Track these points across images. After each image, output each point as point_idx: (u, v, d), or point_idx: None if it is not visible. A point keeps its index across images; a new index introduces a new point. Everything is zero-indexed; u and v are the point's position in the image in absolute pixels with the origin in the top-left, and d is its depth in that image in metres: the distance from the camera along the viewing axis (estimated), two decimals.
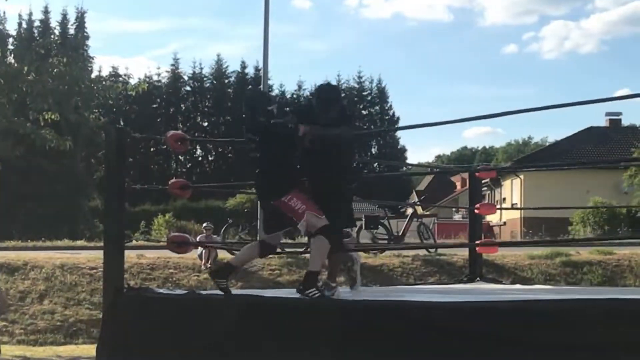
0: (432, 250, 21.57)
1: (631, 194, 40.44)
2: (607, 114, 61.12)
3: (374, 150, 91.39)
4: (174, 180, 8.76)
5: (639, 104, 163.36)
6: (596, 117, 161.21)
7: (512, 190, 54.26)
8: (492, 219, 49.21)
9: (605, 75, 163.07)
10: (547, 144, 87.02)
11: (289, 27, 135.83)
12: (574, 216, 38.60)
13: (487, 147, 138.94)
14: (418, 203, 26.68)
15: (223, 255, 20.32)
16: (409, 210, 23.75)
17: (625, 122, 61.91)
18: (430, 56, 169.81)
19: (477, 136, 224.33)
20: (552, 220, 38.04)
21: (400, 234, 22.27)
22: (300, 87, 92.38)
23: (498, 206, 43.10)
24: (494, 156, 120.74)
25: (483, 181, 14.68)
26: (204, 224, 21.51)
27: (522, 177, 49.93)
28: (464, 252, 18.07)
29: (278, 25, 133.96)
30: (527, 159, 59.70)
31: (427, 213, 27.39)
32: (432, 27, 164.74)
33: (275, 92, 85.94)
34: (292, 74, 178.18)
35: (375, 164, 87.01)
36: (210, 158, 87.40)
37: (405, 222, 22.57)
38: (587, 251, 21.38)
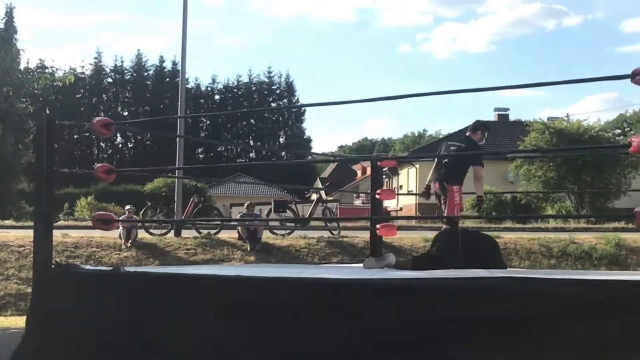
0: (335, 232, 21.91)
1: (516, 184, 41.25)
2: (496, 109, 62.17)
3: (282, 140, 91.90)
4: (99, 164, 8.71)
5: (525, 101, 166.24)
6: (486, 112, 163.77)
7: (408, 178, 54.85)
8: (390, 204, 49.83)
9: (493, 73, 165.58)
10: (441, 136, 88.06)
11: (203, 23, 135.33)
12: (465, 203, 39.13)
13: (386, 138, 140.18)
14: (323, 189, 26.92)
15: (142, 235, 20.31)
16: (314, 196, 23.96)
17: (512, 117, 62.93)
18: (334, 53, 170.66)
19: (376, 128, 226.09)
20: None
21: (307, 216, 22.62)
22: (214, 80, 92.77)
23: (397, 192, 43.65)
24: (392, 147, 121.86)
25: (383, 169, 14.87)
26: (127, 207, 21.41)
27: (417, 166, 50.45)
28: (365, 235, 18.26)
29: (193, 20, 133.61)
30: (423, 149, 60.38)
31: (331, 198, 27.60)
32: (336, 26, 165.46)
33: (191, 84, 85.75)
34: (207, 68, 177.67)
35: (283, 153, 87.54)
36: (129, 145, 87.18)
37: (312, 207, 22.83)
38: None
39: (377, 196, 10.81)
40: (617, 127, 64.33)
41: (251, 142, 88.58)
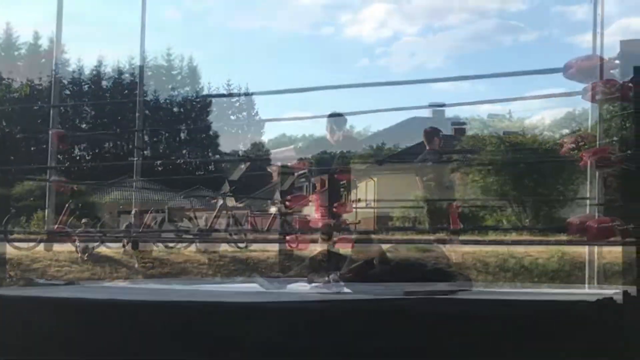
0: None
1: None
2: (453, 123, 62.42)
3: (241, 153, 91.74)
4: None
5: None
6: (444, 125, 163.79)
7: (366, 191, 54.83)
8: (348, 218, 49.77)
9: (451, 86, 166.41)
10: (399, 149, 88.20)
11: (162, 35, 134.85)
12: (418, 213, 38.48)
13: (345, 151, 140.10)
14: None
15: (102, 247, 19.81)
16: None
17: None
18: (294, 66, 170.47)
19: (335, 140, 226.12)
20: (402, 219, 38.47)
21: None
22: (173, 92, 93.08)
23: (354, 206, 43.64)
24: (351, 160, 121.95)
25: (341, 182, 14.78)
26: (83, 220, 20.29)
27: (375, 179, 50.44)
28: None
29: (152, 33, 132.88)
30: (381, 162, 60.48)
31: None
32: (294, 39, 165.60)
33: (150, 97, 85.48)
34: (166, 81, 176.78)
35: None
36: (87, 157, 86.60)
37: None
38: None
39: (334, 209, 10.87)
40: (565, 127, 62.77)
41: (210, 154, 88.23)
